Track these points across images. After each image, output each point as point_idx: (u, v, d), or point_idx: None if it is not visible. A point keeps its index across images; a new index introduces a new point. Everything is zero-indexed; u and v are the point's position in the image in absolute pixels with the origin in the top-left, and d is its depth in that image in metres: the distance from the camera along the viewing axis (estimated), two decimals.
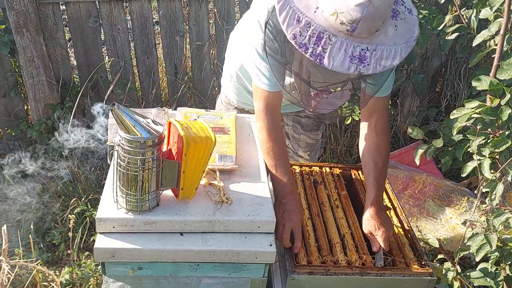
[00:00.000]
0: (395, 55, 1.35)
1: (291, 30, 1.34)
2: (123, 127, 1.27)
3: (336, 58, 1.32)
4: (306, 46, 1.34)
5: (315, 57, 1.33)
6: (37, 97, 3.12)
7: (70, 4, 3.00)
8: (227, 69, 2.13)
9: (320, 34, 1.33)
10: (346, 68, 1.33)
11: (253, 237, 1.43)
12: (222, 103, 2.23)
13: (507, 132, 1.24)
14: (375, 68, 1.35)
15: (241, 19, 2.11)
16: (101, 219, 1.36)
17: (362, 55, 1.33)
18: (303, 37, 1.33)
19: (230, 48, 2.13)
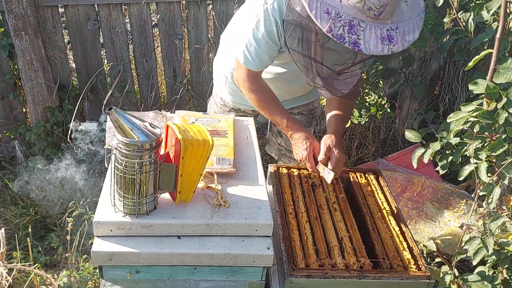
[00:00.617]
0: (414, 29, 1.47)
1: (325, 23, 1.42)
2: (121, 131, 1.27)
3: (370, 42, 1.42)
4: (343, 37, 1.42)
5: (353, 45, 1.42)
6: (35, 100, 3.12)
7: (69, 7, 3.01)
8: (220, 71, 2.14)
9: (350, 22, 1.41)
10: (380, 50, 1.43)
11: (250, 240, 1.43)
12: (216, 105, 2.24)
13: (503, 136, 1.24)
14: (403, 45, 1.45)
15: (231, 21, 2.13)
16: (99, 222, 1.36)
17: (390, 35, 1.42)
18: (337, 28, 1.42)
19: (222, 50, 2.15)
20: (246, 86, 1.88)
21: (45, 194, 2.88)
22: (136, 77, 3.34)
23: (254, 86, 1.88)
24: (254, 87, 1.88)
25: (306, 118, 2.27)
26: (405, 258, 1.61)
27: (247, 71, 1.86)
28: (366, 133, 3.26)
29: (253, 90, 1.88)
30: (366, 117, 2.67)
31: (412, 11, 1.50)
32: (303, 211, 1.79)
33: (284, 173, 2.00)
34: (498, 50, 1.32)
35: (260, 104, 1.91)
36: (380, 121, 3.26)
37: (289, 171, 2.03)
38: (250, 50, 1.79)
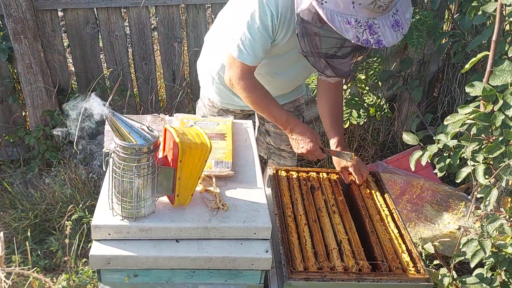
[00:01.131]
0: (408, 5, 1.57)
1: (351, 34, 1.49)
2: (118, 134, 1.27)
3: (387, 35, 1.51)
4: (369, 41, 1.50)
5: (378, 44, 1.51)
6: (35, 103, 3.12)
7: (68, 11, 3.01)
8: (206, 72, 2.14)
9: (368, 22, 1.50)
10: (396, 38, 1.52)
11: (249, 243, 1.42)
12: (205, 107, 2.25)
13: (500, 138, 1.24)
14: (407, 24, 1.55)
15: (216, 21, 2.13)
16: (97, 226, 1.36)
17: (395, 20, 1.52)
18: (361, 34, 1.49)
19: (207, 51, 2.15)
20: (241, 85, 1.87)
21: (44, 198, 2.88)
22: (136, 81, 3.34)
23: (249, 83, 1.87)
24: (249, 85, 1.87)
25: (294, 115, 2.29)
26: (404, 260, 1.61)
27: (241, 68, 1.84)
28: (365, 136, 3.26)
29: (248, 89, 1.87)
30: (365, 118, 2.67)
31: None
32: (301, 214, 1.79)
33: (283, 176, 2.00)
34: (494, 52, 1.32)
35: (257, 102, 1.90)
36: (379, 123, 3.26)
37: (288, 173, 2.03)
38: (245, 43, 1.78)
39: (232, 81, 1.89)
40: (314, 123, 3.21)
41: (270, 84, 2.03)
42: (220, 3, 3.12)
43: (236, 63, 1.84)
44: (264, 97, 1.91)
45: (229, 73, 1.88)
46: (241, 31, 1.78)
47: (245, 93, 1.88)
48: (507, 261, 1.24)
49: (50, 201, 2.86)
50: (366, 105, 2.73)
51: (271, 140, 2.36)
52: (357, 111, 2.66)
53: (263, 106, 1.91)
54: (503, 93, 1.23)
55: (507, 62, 1.26)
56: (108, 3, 2.99)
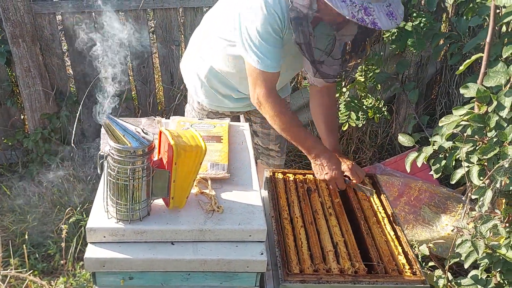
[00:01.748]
0: (398, 6, 1.62)
1: (346, 11, 1.54)
2: (113, 137, 1.27)
3: (382, 20, 1.56)
4: (364, 20, 1.54)
5: (373, 25, 1.55)
6: (33, 106, 3.13)
7: (66, 14, 3.02)
8: (194, 75, 2.13)
9: (363, 5, 1.55)
10: (390, 25, 1.57)
11: (244, 245, 1.42)
12: (194, 110, 2.25)
13: (494, 139, 1.24)
14: (400, 18, 1.61)
15: (202, 22, 2.13)
16: (92, 229, 1.36)
17: (389, 11, 1.58)
18: (357, 13, 1.54)
19: (193, 53, 2.13)
20: (270, 104, 1.84)
21: (42, 201, 2.88)
22: (134, 84, 3.34)
23: (277, 102, 1.84)
24: (278, 104, 1.84)
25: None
26: (400, 262, 1.60)
27: (265, 79, 1.80)
28: (363, 138, 3.26)
29: (277, 109, 1.84)
30: (363, 120, 2.67)
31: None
32: (298, 216, 1.79)
33: (280, 178, 2.00)
34: (489, 54, 1.32)
35: (285, 125, 1.87)
36: (377, 125, 3.26)
37: (285, 176, 2.03)
38: (263, 52, 1.76)
39: (259, 99, 1.85)
40: (311, 126, 3.21)
41: None
42: None
43: (260, 76, 1.80)
44: (291, 120, 1.89)
45: (256, 91, 1.84)
46: (254, 41, 1.75)
47: (274, 114, 1.85)
48: (501, 262, 1.24)
49: (48, 204, 2.86)
50: (365, 107, 2.73)
51: (259, 141, 2.37)
52: (356, 113, 2.67)
53: (290, 129, 1.88)
54: (497, 94, 1.23)
55: (501, 63, 1.27)
56: (106, 6, 3.00)
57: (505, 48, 1.28)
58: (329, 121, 2.09)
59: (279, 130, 1.89)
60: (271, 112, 1.85)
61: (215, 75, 2.05)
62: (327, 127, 2.07)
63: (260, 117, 2.28)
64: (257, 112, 2.25)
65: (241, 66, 1.94)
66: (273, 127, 1.91)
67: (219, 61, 2.01)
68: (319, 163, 1.87)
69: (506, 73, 1.24)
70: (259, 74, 1.80)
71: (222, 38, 1.95)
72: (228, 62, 1.99)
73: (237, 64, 1.96)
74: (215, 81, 2.07)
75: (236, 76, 2.03)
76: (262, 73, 1.79)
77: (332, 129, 2.10)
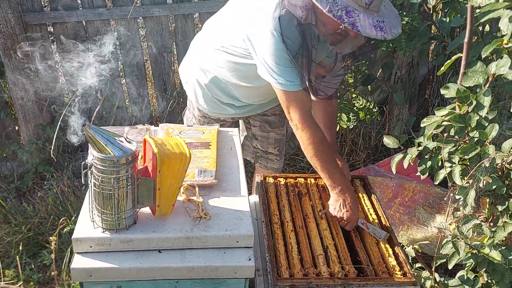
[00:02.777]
0: (397, 25, 1.65)
1: (325, 5, 1.55)
2: (95, 147, 1.27)
3: (364, 26, 1.57)
4: (342, 18, 1.56)
5: (352, 26, 1.56)
6: (27, 117, 3.14)
7: (57, 24, 3.03)
8: (195, 83, 2.12)
9: (346, 8, 1.56)
10: (375, 34, 1.58)
11: (231, 252, 1.42)
12: (194, 117, 2.25)
13: (475, 139, 1.24)
14: (392, 35, 1.61)
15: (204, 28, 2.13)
16: (78, 239, 1.36)
17: (380, 25, 1.59)
18: (336, 10, 1.55)
19: (194, 61, 2.12)
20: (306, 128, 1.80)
21: (37, 211, 2.88)
22: (127, 92, 3.35)
23: (312, 127, 1.81)
24: (313, 131, 1.80)
25: (279, 118, 2.30)
26: (390, 264, 1.60)
27: (297, 98, 1.78)
28: (357, 140, 3.26)
29: (312, 137, 1.80)
30: (354, 122, 2.67)
31: (390, 13, 1.69)
32: (288, 220, 1.78)
33: (271, 183, 2.00)
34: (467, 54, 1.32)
35: (317, 156, 1.82)
36: (370, 127, 3.26)
37: (276, 180, 2.03)
38: (281, 75, 1.75)
39: (296, 123, 1.83)
40: None
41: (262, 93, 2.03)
42: (208, 12, 3.14)
43: (290, 96, 1.79)
44: (325, 150, 1.83)
45: (291, 114, 1.82)
46: (272, 67, 1.75)
47: (308, 142, 1.81)
48: (486, 262, 1.23)
49: (43, 214, 2.86)
50: (356, 109, 2.73)
51: (258, 144, 2.37)
52: (347, 115, 2.67)
53: (321, 159, 1.82)
54: (477, 94, 1.23)
55: (479, 63, 1.27)
56: (96, 16, 3.01)
57: (484, 48, 1.28)
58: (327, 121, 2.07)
59: (310, 157, 1.84)
60: (305, 139, 1.81)
61: (217, 84, 2.05)
62: (325, 126, 2.03)
63: (259, 120, 2.29)
64: (257, 115, 2.26)
65: (241, 76, 1.96)
66: (304, 152, 1.86)
67: (220, 71, 2.00)
68: (342, 199, 1.79)
69: (484, 73, 1.24)
70: (289, 95, 1.79)
71: (223, 50, 1.94)
72: (228, 72, 1.98)
73: (237, 74, 1.97)
74: (216, 90, 2.07)
75: (236, 86, 2.03)
76: (287, 92, 1.78)
77: (331, 128, 2.08)
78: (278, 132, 2.33)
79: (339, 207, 1.78)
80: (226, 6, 2.04)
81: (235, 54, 1.91)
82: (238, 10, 1.91)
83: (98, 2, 3.01)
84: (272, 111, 2.26)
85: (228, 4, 2.03)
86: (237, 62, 1.92)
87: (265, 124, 2.29)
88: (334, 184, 1.81)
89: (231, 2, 2.01)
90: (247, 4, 1.86)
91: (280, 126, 2.33)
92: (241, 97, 2.09)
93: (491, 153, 1.18)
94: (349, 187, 1.83)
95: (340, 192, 1.80)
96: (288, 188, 1.98)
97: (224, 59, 1.95)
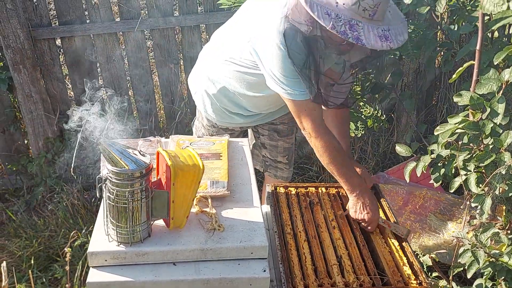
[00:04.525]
0: (403, 31, 1.63)
1: (328, 22, 1.55)
2: (110, 160, 1.28)
3: (369, 38, 1.56)
4: (346, 33, 1.55)
5: (356, 40, 1.55)
6: (36, 131, 3.16)
7: (65, 39, 3.06)
8: (203, 93, 2.13)
9: (350, 22, 1.56)
10: (380, 46, 1.57)
11: (246, 263, 1.42)
12: (204, 127, 2.26)
13: (490, 146, 1.24)
14: (398, 43, 1.60)
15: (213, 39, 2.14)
16: (93, 253, 1.36)
17: (385, 34, 1.57)
18: (339, 26, 1.55)
19: (202, 71, 2.13)
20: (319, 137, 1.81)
21: (47, 225, 2.89)
22: (135, 104, 3.37)
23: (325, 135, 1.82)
24: (326, 138, 1.81)
25: (288, 127, 2.30)
26: (405, 273, 1.59)
27: (307, 107, 1.79)
28: (365, 147, 3.25)
29: (326, 144, 1.81)
30: (362, 130, 2.67)
31: (395, 19, 1.67)
32: (301, 231, 1.78)
33: (282, 193, 2.00)
34: (479, 61, 1.32)
35: (333, 162, 1.83)
36: (378, 134, 3.26)
37: (287, 190, 2.02)
38: (290, 86, 1.76)
39: (309, 132, 1.83)
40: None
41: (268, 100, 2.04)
42: (215, 23, 3.16)
43: (301, 106, 1.80)
44: (340, 155, 1.84)
45: (303, 123, 1.84)
46: (280, 78, 1.76)
47: (323, 150, 1.82)
48: (504, 270, 1.22)
49: (53, 228, 2.87)
50: (364, 117, 2.73)
51: (267, 153, 2.37)
52: (355, 123, 2.66)
53: (337, 165, 1.84)
54: (490, 101, 1.23)
55: (492, 70, 1.26)
56: (104, 29, 3.04)
57: (496, 55, 1.28)
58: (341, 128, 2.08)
59: (326, 164, 1.85)
60: (320, 147, 1.82)
61: (225, 94, 2.06)
62: (339, 132, 2.04)
63: (268, 129, 2.29)
64: (265, 124, 2.27)
65: (250, 86, 1.96)
66: (320, 160, 1.87)
67: (229, 81, 2.01)
68: (361, 202, 1.81)
69: (498, 80, 1.24)
70: (299, 104, 1.80)
71: (231, 62, 1.95)
72: (237, 83, 1.99)
73: (246, 84, 1.98)
74: (225, 100, 2.08)
75: (245, 96, 2.03)
76: (297, 102, 1.79)
77: (345, 135, 2.10)
78: (287, 141, 2.33)
79: (359, 210, 1.80)
80: (233, 17, 2.06)
81: (243, 65, 1.92)
82: (245, 23, 1.92)
83: (105, 16, 3.04)
84: (281, 120, 2.26)
85: (235, 16, 2.05)
86: (246, 72, 1.93)
87: (274, 133, 2.30)
88: (352, 188, 1.83)
89: (239, 14, 2.03)
90: (254, 17, 1.87)
91: (289, 134, 2.33)
92: (250, 106, 2.10)
93: (507, 160, 1.17)
94: (367, 189, 1.84)
95: (359, 195, 1.81)
96: (300, 198, 1.98)
97: (232, 70, 1.96)
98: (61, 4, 2.96)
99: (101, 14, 3.03)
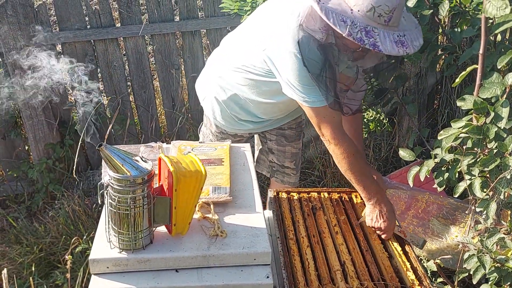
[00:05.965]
0: (418, 36, 1.64)
1: (344, 29, 1.55)
2: (112, 167, 1.27)
3: (386, 44, 1.57)
4: (362, 40, 1.56)
5: (373, 46, 1.56)
6: (37, 137, 3.15)
7: (66, 44, 3.06)
8: (212, 99, 2.11)
9: (365, 28, 1.56)
10: (397, 51, 1.58)
11: (249, 269, 1.40)
12: (212, 134, 2.24)
13: (495, 150, 1.23)
14: (414, 49, 1.61)
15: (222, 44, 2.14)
16: (95, 260, 1.35)
17: (401, 40, 1.58)
18: (356, 33, 1.55)
19: (211, 77, 2.12)
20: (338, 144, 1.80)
21: (48, 231, 2.87)
22: (136, 109, 3.36)
23: (344, 142, 1.80)
24: (345, 144, 1.80)
25: (295, 132, 2.29)
26: (409, 279, 1.58)
27: (325, 116, 1.78)
28: (367, 152, 3.24)
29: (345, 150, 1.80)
30: (365, 134, 2.66)
31: (410, 24, 1.69)
32: (304, 236, 1.77)
33: (284, 198, 1.99)
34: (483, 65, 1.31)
35: (351, 169, 1.82)
36: (380, 138, 3.25)
37: (289, 195, 2.02)
38: (305, 93, 1.76)
39: (328, 139, 1.83)
40: (313, 142, 3.20)
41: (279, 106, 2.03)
42: (216, 29, 3.16)
43: (320, 113, 1.79)
44: (359, 162, 1.83)
45: (322, 130, 1.83)
46: (297, 86, 1.76)
47: (341, 157, 1.81)
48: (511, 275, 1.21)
49: (54, 234, 2.85)
50: (366, 120, 2.72)
51: (274, 158, 2.35)
52: None
53: (356, 172, 1.83)
54: (494, 105, 1.22)
55: (496, 74, 1.26)
56: (105, 34, 3.04)
57: (500, 59, 1.28)
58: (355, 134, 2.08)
59: (344, 170, 1.84)
60: (339, 154, 1.81)
61: (236, 101, 2.05)
62: (355, 137, 2.03)
63: (276, 134, 2.28)
64: (273, 129, 2.25)
65: (262, 93, 1.96)
66: (338, 166, 1.86)
67: (241, 88, 2.00)
68: (378, 210, 1.80)
69: (501, 84, 1.24)
70: (317, 111, 1.79)
71: (244, 69, 1.94)
72: (248, 90, 1.99)
73: (258, 91, 1.97)
74: (235, 107, 2.07)
75: (257, 103, 2.02)
76: (315, 109, 1.78)
77: (360, 139, 2.11)
78: (294, 146, 2.32)
79: (376, 218, 1.79)
80: (245, 23, 2.04)
81: (256, 73, 1.91)
82: (258, 30, 1.91)
83: (106, 22, 3.04)
84: (289, 125, 2.25)
85: (247, 22, 2.03)
86: (258, 80, 1.92)
87: (282, 138, 2.29)
88: (370, 196, 1.82)
89: (251, 20, 2.00)
90: (268, 25, 1.85)
91: (297, 140, 2.32)
92: (260, 113, 2.09)
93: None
94: (384, 197, 1.83)
95: (376, 203, 1.81)
96: (302, 203, 1.97)
97: (244, 77, 1.95)
98: (61, 10, 2.97)
99: (102, 19, 3.03)
